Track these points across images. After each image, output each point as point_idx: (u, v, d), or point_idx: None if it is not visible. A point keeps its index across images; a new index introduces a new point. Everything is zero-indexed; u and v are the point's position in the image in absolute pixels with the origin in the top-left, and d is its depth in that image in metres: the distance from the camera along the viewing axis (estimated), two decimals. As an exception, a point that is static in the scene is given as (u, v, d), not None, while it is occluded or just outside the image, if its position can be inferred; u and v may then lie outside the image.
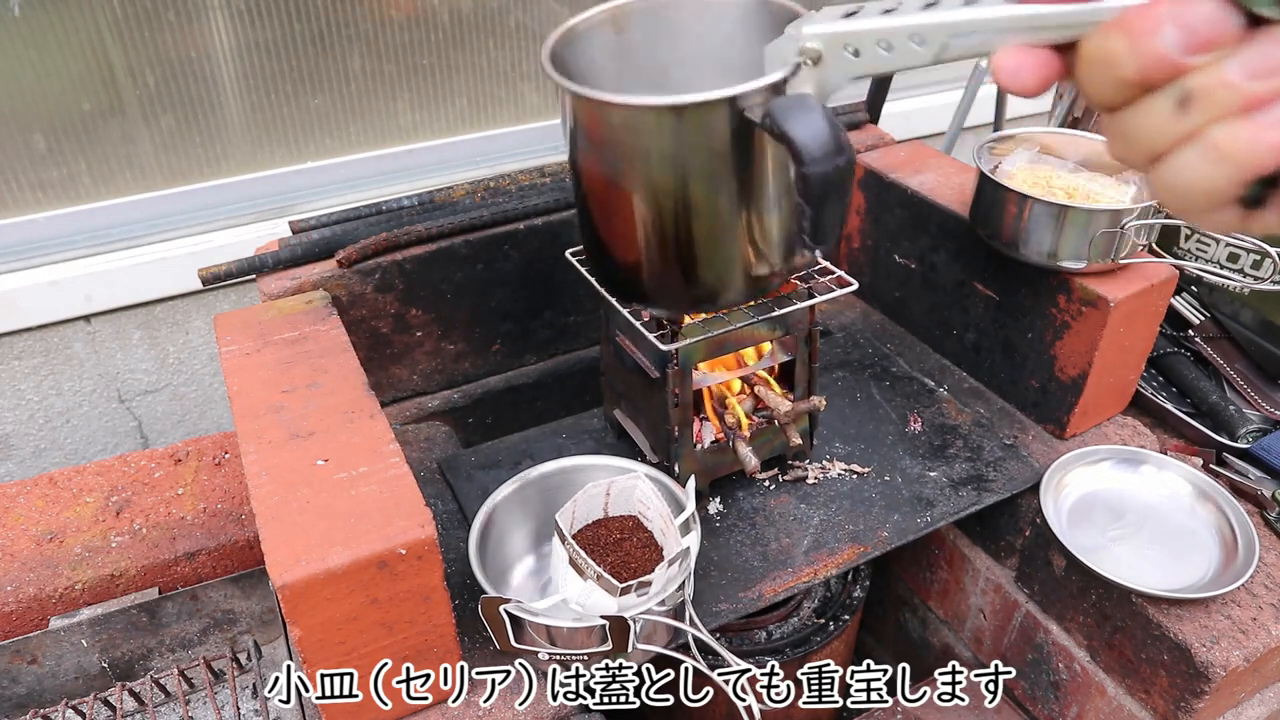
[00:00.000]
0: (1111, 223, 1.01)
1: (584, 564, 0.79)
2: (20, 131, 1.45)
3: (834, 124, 0.48)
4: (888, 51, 0.41)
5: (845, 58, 0.43)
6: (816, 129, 0.47)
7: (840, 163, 0.48)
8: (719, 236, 0.56)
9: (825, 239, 0.51)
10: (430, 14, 1.66)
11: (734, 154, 0.52)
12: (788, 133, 0.48)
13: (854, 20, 0.43)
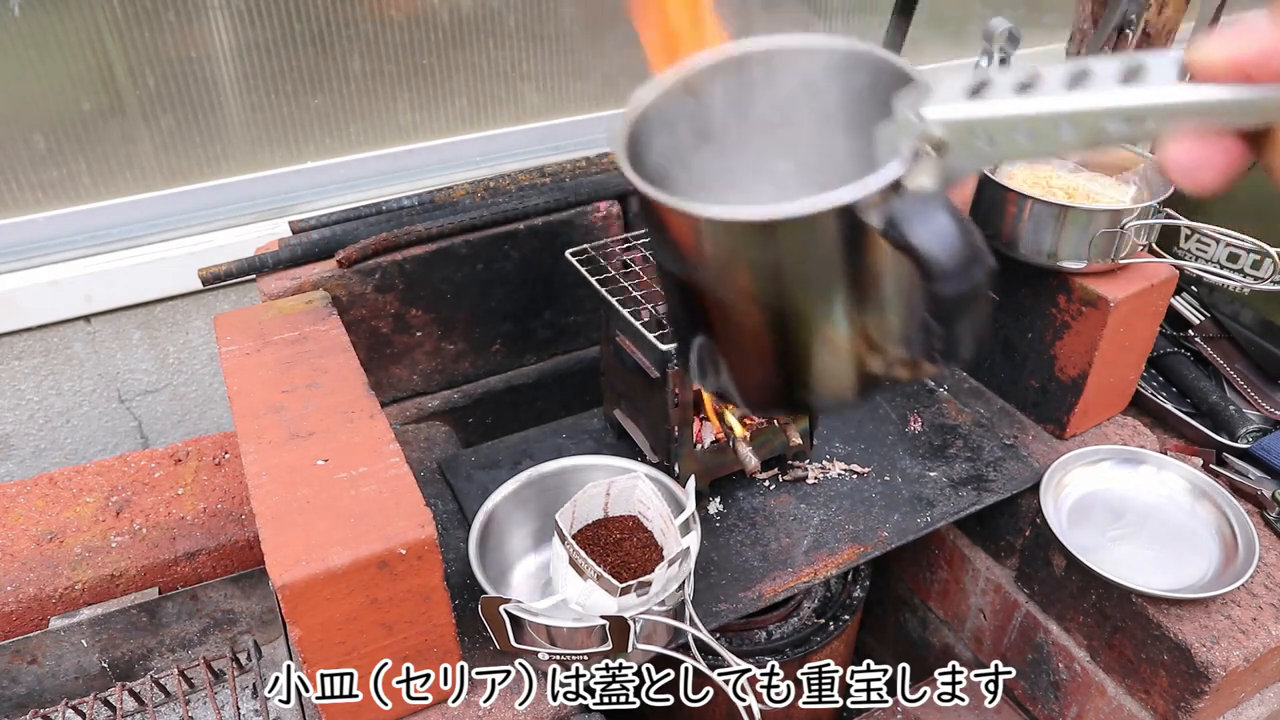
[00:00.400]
0: (1111, 223, 1.01)
1: (584, 564, 0.79)
2: (20, 131, 1.45)
3: (966, 228, 0.39)
4: (1029, 140, 0.34)
5: (977, 147, 0.36)
6: (946, 238, 0.39)
7: (976, 276, 0.40)
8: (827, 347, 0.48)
9: (960, 356, 0.44)
10: (430, 14, 1.66)
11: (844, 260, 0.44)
12: (913, 245, 0.39)
13: (987, 103, 0.35)
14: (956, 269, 0.39)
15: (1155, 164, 1.10)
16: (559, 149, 1.90)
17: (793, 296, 0.46)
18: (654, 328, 0.90)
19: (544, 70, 1.83)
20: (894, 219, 0.39)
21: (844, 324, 0.46)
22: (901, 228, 0.39)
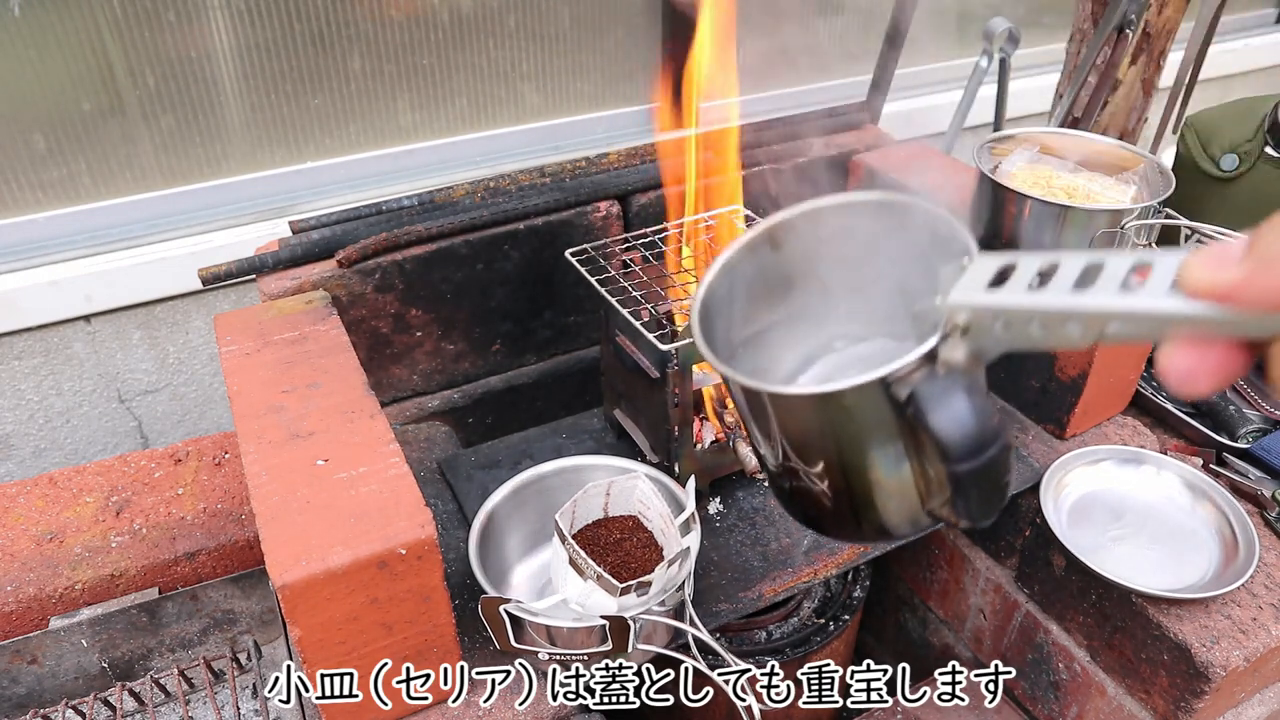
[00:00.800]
0: (1112, 223, 1.01)
1: (584, 564, 0.79)
2: (20, 131, 1.45)
3: (981, 411, 0.43)
4: (1041, 331, 0.36)
5: (996, 332, 0.39)
6: (961, 423, 0.43)
7: (989, 455, 0.43)
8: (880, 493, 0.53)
9: (981, 520, 0.48)
10: (430, 14, 1.66)
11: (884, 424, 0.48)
12: (930, 427, 0.43)
13: (1002, 294, 0.38)
14: (968, 452, 0.43)
15: (1155, 164, 1.10)
16: (559, 149, 1.90)
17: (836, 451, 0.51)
18: (654, 328, 0.90)
19: (544, 70, 1.83)
20: (917, 399, 0.43)
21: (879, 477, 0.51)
22: (922, 409, 0.43)
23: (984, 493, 0.45)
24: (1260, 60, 2.80)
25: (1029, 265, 0.38)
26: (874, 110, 1.43)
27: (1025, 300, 0.37)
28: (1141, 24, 1.57)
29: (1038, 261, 0.38)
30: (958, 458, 0.43)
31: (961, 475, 0.44)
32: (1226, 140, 1.51)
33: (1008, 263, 0.39)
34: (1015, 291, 0.38)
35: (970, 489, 0.45)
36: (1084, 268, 0.35)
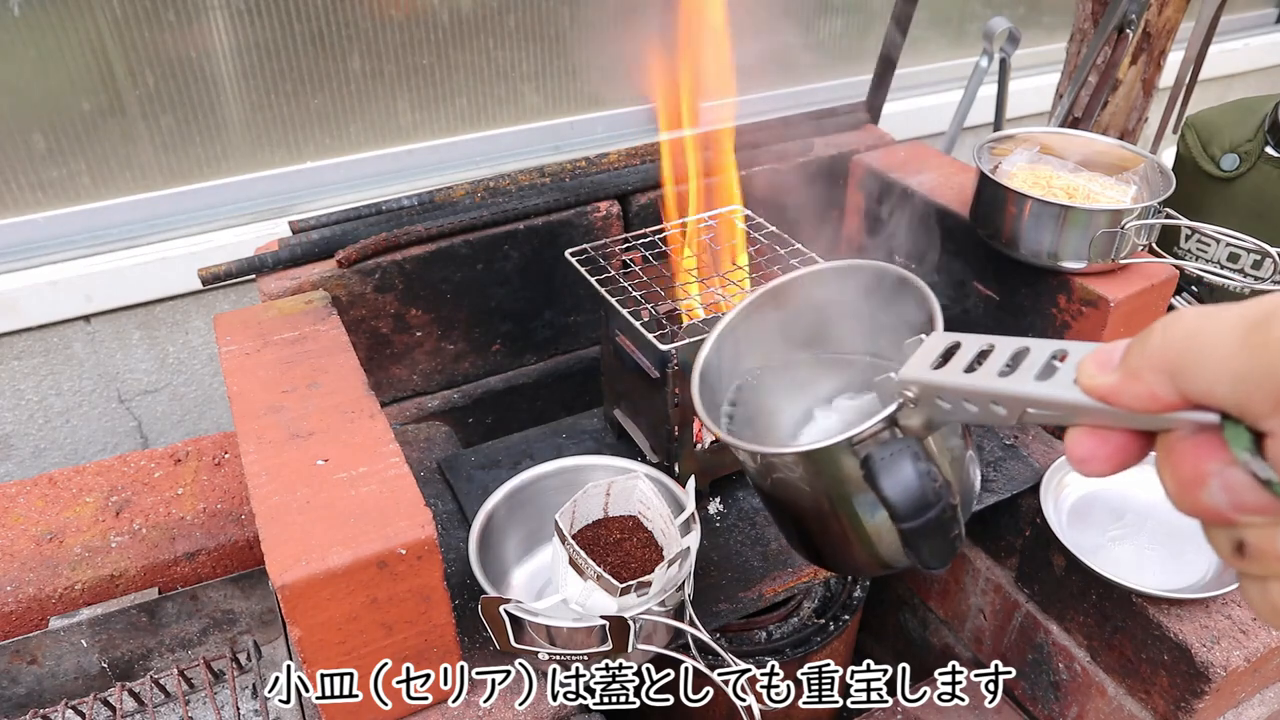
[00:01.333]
0: (1112, 223, 1.01)
1: (584, 564, 0.79)
2: (20, 131, 1.45)
3: (925, 475, 0.49)
4: (974, 409, 0.40)
5: (939, 406, 0.43)
6: (905, 485, 0.49)
7: (931, 516, 0.49)
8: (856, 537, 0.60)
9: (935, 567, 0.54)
10: (430, 14, 1.66)
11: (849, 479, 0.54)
12: (880, 490, 0.49)
13: (941, 373, 0.42)
14: (913, 513, 0.49)
15: (1155, 164, 1.10)
16: (559, 149, 1.90)
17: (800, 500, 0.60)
18: (654, 328, 0.90)
19: (544, 70, 1.83)
20: (870, 462, 0.50)
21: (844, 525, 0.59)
22: (874, 472, 0.49)
23: (933, 545, 0.51)
24: (1260, 60, 2.80)
25: (971, 346, 0.42)
26: (874, 110, 1.43)
27: (959, 381, 0.41)
28: (1141, 24, 1.57)
29: (979, 344, 0.42)
30: (902, 517, 0.49)
31: (907, 531, 0.50)
32: (1227, 140, 1.51)
33: (954, 342, 0.43)
34: (953, 372, 0.42)
35: (918, 542, 0.51)
36: (1013, 353, 0.39)
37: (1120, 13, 1.50)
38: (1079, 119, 1.65)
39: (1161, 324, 0.31)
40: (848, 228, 1.40)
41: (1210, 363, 0.28)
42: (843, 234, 1.41)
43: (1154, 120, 1.75)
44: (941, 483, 0.49)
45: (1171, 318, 0.30)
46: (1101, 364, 0.33)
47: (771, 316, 0.70)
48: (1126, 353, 0.32)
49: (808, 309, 0.70)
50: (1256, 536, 0.29)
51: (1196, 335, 0.29)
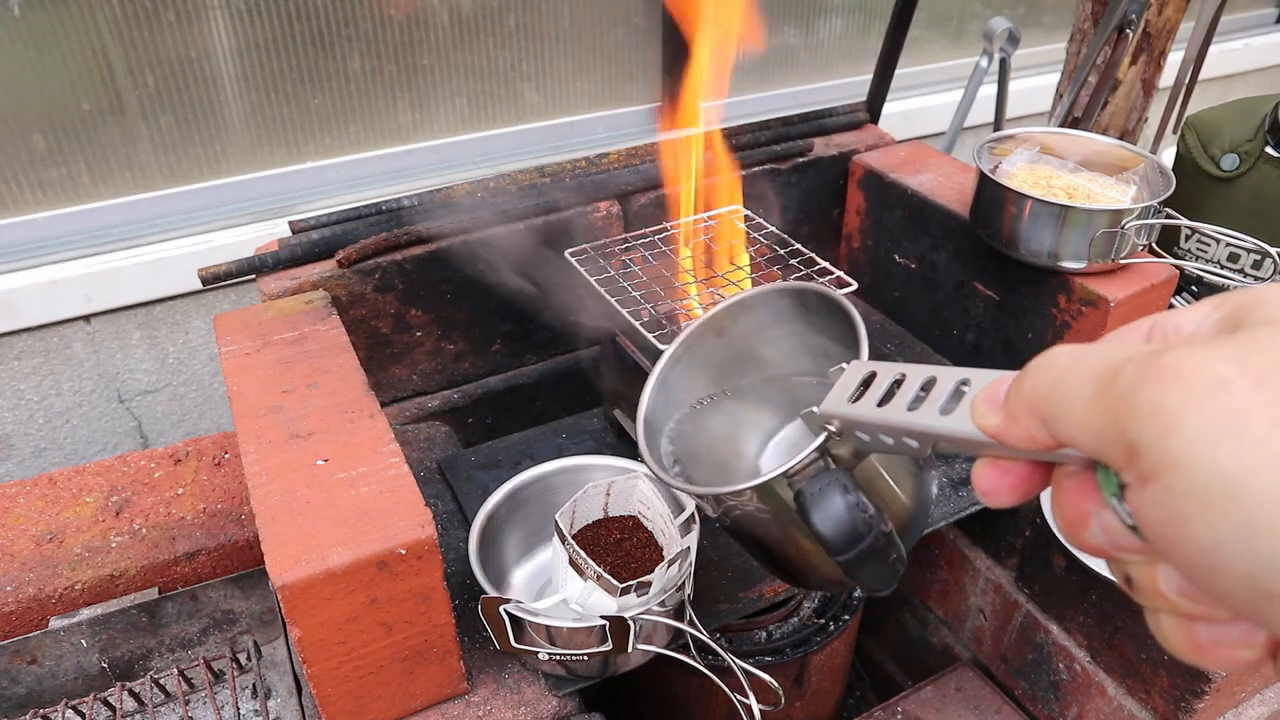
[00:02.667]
0: (1112, 223, 1.01)
1: (584, 564, 0.79)
2: (20, 131, 1.45)
3: (854, 508, 0.49)
4: (890, 440, 0.41)
5: (859, 438, 0.43)
6: (835, 520, 0.49)
7: (863, 547, 0.49)
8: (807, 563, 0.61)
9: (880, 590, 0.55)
10: (430, 14, 1.66)
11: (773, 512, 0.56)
12: (809, 525, 0.50)
13: (856, 408, 0.43)
14: (844, 546, 0.49)
15: (1155, 164, 1.10)
16: (559, 149, 1.91)
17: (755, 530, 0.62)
18: (654, 328, 0.90)
19: (544, 70, 1.83)
20: (801, 499, 0.51)
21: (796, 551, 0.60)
22: (805, 508, 0.50)
23: (871, 572, 0.52)
24: (1260, 60, 2.80)
25: (885, 377, 0.42)
26: (874, 110, 1.43)
27: (871, 415, 0.41)
28: (1142, 24, 1.57)
29: (893, 374, 0.42)
30: (834, 550, 0.50)
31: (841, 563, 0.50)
32: (1227, 140, 1.51)
33: (871, 372, 0.43)
34: (867, 406, 0.42)
35: (855, 571, 0.51)
36: (922, 383, 0.39)
37: (1120, 13, 1.50)
38: (1079, 119, 1.65)
39: (1033, 367, 0.31)
40: (847, 227, 1.40)
41: (1070, 414, 0.29)
42: (843, 233, 1.41)
43: (1154, 120, 1.75)
44: (872, 513, 0.49)
45: (1043, 360, 0.31)
46: (989, 402, 0.33)
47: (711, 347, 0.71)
48: (1006, 394, 0.32)
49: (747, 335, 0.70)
50: (1137, 573, 0.30)
51: (1058, 383, 0.29)
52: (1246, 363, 0.24)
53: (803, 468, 0.50)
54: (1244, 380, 0.24)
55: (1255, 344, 0.25)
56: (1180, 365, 0.25)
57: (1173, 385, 0.25)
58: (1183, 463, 0.24)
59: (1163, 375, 0.25)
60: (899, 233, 1.29)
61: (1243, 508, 0.23)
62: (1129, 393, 0.26)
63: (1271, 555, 0.23)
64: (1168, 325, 0.30)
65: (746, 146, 1.30)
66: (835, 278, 0.97)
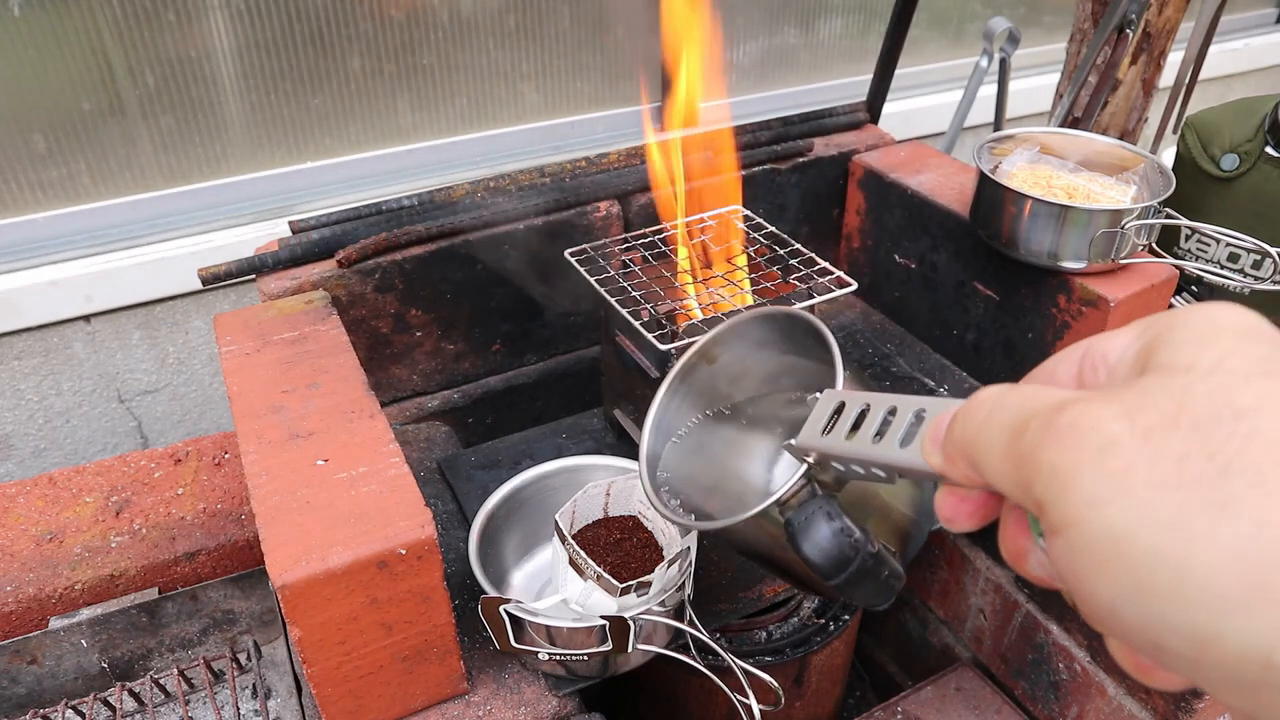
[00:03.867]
0: (1112, 223, 1.01)
1: (584, 564, 0.79)
2: (20, 131, 1.45)
3: (840, 533, 0.50)
4: (861, 470, 0.41)
5: (834, 468, 0.44)
6: (822, 548, 0.50)
7: (852, 570, 0.51)
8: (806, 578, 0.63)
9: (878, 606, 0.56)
10: (430, 14, 1.66)
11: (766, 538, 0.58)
12: (801, 553, 0.51)
13: (827, 440, 0.43)
14: (833, 570, 0.51)
15: (1155, 164, 1.10)
16: (559, 149, 1.91)
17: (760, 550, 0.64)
18: (654, 328, 0.90)
19: (544, 70, 1.83)
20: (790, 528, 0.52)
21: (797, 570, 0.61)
22: (793, 537, 0.51)
23: (864, 591, 0.53)
24: (1260, 60, 2.80)
25: (853, 407, 0.43)
26: (874, 110, 1.43)
27: (840, 448, 0.42)
28: (1142, 24, 1.57)
29: (859, 404, 0.42)
30: (825, 575, 0.51)
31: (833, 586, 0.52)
32: (1227, 140, 1.51)
33: (842, 401, 0.44)
34: (836, 438, 0.43)
35: (848, 591, 0.52)
36: (885, 413, 0.40)
37: (1120, 13, 1.50)
38: (1079, 119, 1.65)
39: (962, 412, 0.32)
40: (847, 227, 1.40)
41: (990, 464, 0.30)
42: (843, 233, 1.41)
43: (1154, 120, 1.75)
44: (857, 537, 0.51)
45: (971, 405, 0.31)
46: (934, 439, 0.34)
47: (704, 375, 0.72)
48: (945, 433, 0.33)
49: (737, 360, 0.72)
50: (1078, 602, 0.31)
51: (979, 434, 0.30)
52: (1136, 420, 0.25)
53: (792, 495, 0.51)
54: (1132, 439, 0.24)
55: (1146, 397, 0.25)
56: (1075, 424, 0.26)
57: (1068, 446, 0.26)
58: (1077, 523, 0.25)
59: (1060, 436, 0.26)
60: (899, 233, 1.29)
61: (1130, 569, 0.24)
62: (1032, 451, 0.27)
63: (1155, 614, 0.23)
64: (1096, 353, 0.31)
65: (746, 146, 1.30)
66: (835, 277, 0.97)
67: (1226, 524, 0.22)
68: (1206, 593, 0.22)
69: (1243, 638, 0.22)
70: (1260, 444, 0.23)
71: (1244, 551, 0.22)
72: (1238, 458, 0.23)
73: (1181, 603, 0.23)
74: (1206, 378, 0.25)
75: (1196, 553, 0.22)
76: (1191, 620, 0.23)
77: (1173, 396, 0.25)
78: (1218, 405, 0.24)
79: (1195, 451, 0.23)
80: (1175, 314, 0.28)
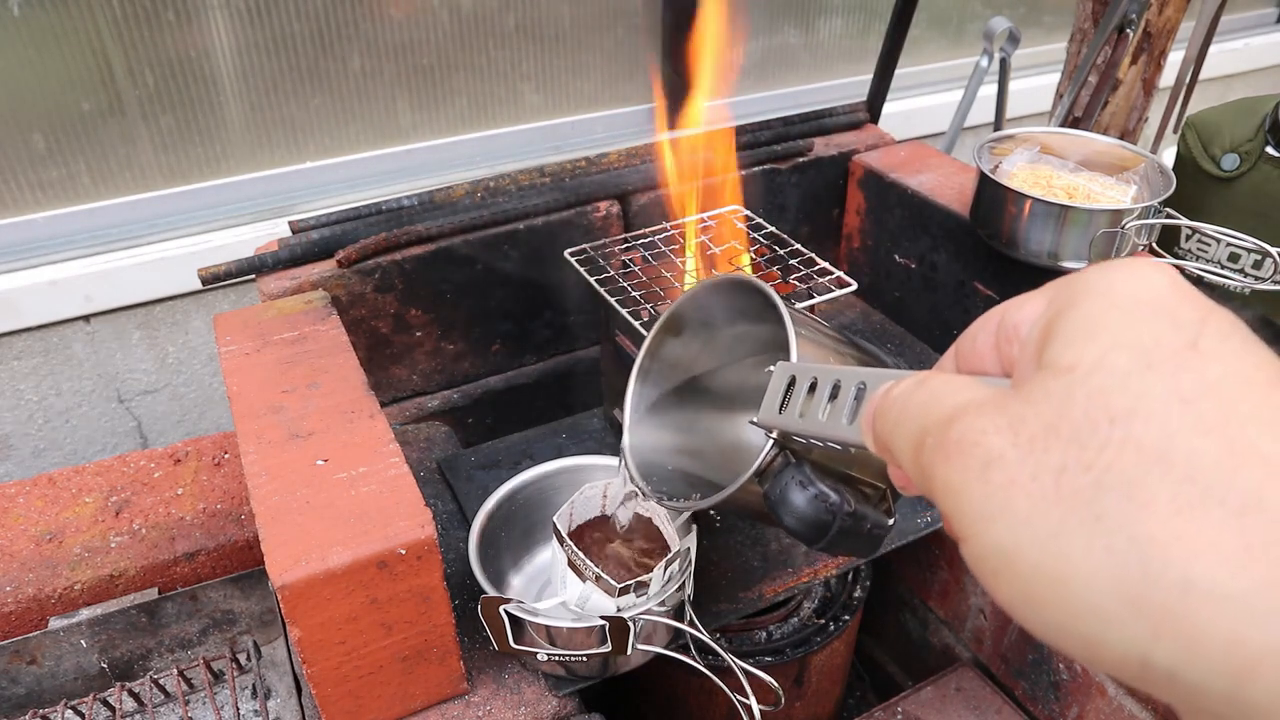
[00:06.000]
0: (1112, 223, 1.01)
1: (582, 566, 0.79)
2: (20, 131, 1.45)
3: (814, 499, 0.51)
4: (820, 445, 0.42)
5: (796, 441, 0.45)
6: (799, 515, 0.52)
7: (832, 532, 0.52)
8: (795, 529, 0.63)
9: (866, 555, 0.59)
10: (430, 14, 1.66)
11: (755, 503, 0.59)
12: (780, 522, 0.53)
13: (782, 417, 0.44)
14: (814, 535, 0.52)
15: (1156, 163, 1.10)
16: (559, 149, 1.91)
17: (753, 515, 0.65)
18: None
19: (544, 70, 1.83)
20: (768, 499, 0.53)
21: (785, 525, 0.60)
22: (773, 507, 0.53)
23: (850, 546, 0.54)
24: (1260, 60, 2.80)
25: (803, 381, 0.43)
26: (874, 110, 1.43)
27: (794, 424, 0.43)
28: (1142, 23, 1.57)
29: (809, 377, 0.42)
30: (808, 540, 0.53)
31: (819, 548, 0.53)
32: (1227, 140, 1.51)
33: (793, 375, 0.44)
34: (790, 415, 0.43)
35: (834, 549, 0.54)
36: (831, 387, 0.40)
37: (1120, 12, 1.50)
38: (1079, 119, 1.65)
39: (879, 411, 0.33)
40: (847, 227, 1.40)
41: (903, 464, 0.31)
42: (843, 233, 1.41)
43: (1154, 120, 1.75)
44: (833, 500, 0.52)
45: (884, 404, 0.32)
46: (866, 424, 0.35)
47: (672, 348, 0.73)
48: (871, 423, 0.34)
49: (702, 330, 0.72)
50: None
51: (892, 436, 0.31)
52: (1019, 431, 0.25)
53: (765, 465, 0.53)
54: (1015, 451, 0.25)
55: (1029, 406, 0.26)
56: (961, 440, 0.26)
57: (957, 464, 0.26)
58: (970, 537, 0.26)
59: (949, 454, 0.27)
60: (899, 233, 1.29)
61: (1018, 583, 0.25)
62: (929, 468, 0.28)
63: (1049, 623, 0.24)
64: (1009, 324, 0.31)
65: (746, 146, 1.30)
66: (835, 278, 0.97)
67: (1099, 538, 0.23)
68: (1085, 606, 0.23)
69: (1122, 643, 0.23)
70: (1132, 453, 0.23)
71: (1114, 566, 0.23)
72: (1110, 469, 0.23)
73: (1066, 614, 0.24)
74: (1086, 380, 0.25)
75: (1073, 569, 0.23)
76: (1077, 628, 0.24)
77: (1053, 403, 0.25)
78: (1095, 412, 0.24)
79: (1072, 463, 0.24)
80: (1076, 286, 0.28)
